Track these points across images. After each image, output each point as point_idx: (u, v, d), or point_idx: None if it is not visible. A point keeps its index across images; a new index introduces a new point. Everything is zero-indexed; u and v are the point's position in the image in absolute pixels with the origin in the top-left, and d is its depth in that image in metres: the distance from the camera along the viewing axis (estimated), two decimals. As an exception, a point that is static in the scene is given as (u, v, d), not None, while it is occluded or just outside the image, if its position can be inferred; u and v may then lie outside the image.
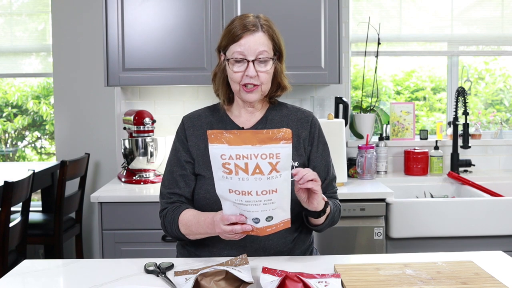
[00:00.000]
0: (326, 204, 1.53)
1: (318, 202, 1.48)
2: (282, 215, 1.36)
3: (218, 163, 1.31)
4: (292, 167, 1.59)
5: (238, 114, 1.66)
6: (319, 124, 1.71)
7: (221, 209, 1.40)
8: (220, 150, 1.30)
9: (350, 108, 3.19)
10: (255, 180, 1.29)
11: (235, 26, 1.57)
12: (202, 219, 1.50)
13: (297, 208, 1.61)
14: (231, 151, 1.29)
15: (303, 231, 1.67)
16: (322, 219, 1.58)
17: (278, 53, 1.62)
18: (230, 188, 1.32)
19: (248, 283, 1.26)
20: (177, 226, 1.57)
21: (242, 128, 1.64)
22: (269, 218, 1.34)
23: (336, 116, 2.89)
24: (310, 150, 1.67)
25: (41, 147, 3.92)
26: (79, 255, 3.39)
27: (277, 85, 1.65)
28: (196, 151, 1.63)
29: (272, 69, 1.60)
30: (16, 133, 3.89)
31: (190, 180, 1.62)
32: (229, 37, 1.57)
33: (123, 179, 2.84)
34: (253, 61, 1.54)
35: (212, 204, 1.54)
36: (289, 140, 1.31)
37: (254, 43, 1.54)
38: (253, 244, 1.56)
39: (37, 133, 3.90)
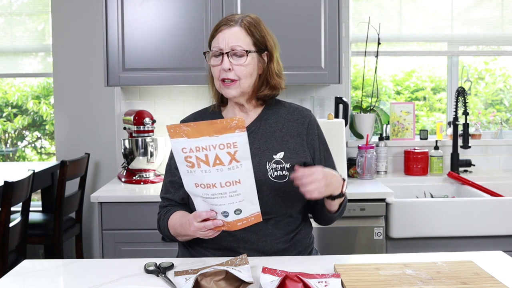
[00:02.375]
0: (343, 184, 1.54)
1: (332, 187, 1.47)
2: (251, 208, 1.38)
3: (181, 157, 1.33)
4: (289, 169, 1.59)
5: (233, 115, 1.66)
6: (317, 124, 1.69)
7: None
8: (180, 144, 1.32)
9: (350, 108, 3.19)
10: (217, 172, 1.32)
11: (217, 23, 1.61)
12: (184, 221, 1.52)
13: (295, 207, 1.61)
14: (191, 144, 1.31)
15: (302, 231, 1.66)
16: (336, 204, 1.58)
17: (265, 50, 1.60)
18: (195, 182, 1.34)
19: (248, 283, 1.26)
20: (168, 229, 1.61)
21: None
22: (238, 211, 1.36)
23: (336, 116, 2.89)
24: (313, 155, 1.65)
25: (41, 147, 3.92)
26: (79, 255, 3.39)
27: (263, 83, 1.62)
28: None
29: (250, 63, 1.57)
30: (16, 133, 3.89)
31: (179, 185, 1.63)
32: (211, 33, 1.61)
33: (123, 179, 2.84)
34: (227, 53, 1.55)
35: None
36: (243, 129, 1.32)
37: (229, 37, 1.56)
38: (247, 245, 1.56)
39: (37, 133, 3.90)
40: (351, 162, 2.89)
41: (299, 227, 1.65)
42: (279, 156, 1.60)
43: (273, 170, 1.58)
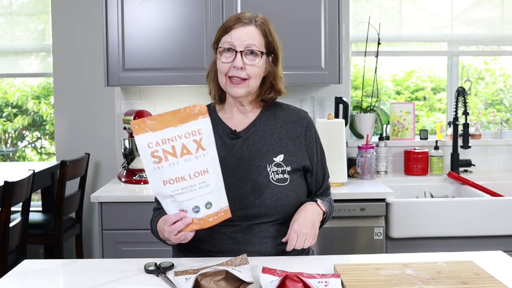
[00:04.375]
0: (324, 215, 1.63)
1: (316, 222, 1.59)
2: (221, 202, 1.39)
3: (147, 153, 1.34)
4: (290, 172, 1.59)
5: (231, 116, 1.64)
6: (314, 126, 1.69)
7: None
8: (145, 139, 1.33)
9: (350, 108, 3.19)
10: (185, 162, 1.34)
11: (229, 19, 1.58)
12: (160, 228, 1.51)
13: (293, 208, 1.60)
14: (156, 137, 1.33)
15: None
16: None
17: (272, 53, 1.60)
18: (164, 179, 1.35)
19: (248, 283, 1.26)
20: (157, 233, 1.58)
21: (235, 131, 1.61)
22: (208, 205, 1.37)
23: (336, 116, 2.89)
24: (311, 158, 1.64)
25: (41, 147, 3.92)
26: (79, 255, 3.39)
27: (269, 86, 1.62)
28: None
29: (262, 64, 1.57)
30: (16, 133, 3.89)
31: None
32: (222, 28, 1.58)
33: (123, 179, 2.84)
34: (241, 52, 1.53)
35: None
36: (206, 114, 1.35)
37: (245, 35, 1.54)
38: (248, 248, 1.55)
39: (37, 133, 3.90)
40: (351, 162, 2.89)
41: None
42: (279, 158, 1.59)
43: (274, 173, 1.57)
